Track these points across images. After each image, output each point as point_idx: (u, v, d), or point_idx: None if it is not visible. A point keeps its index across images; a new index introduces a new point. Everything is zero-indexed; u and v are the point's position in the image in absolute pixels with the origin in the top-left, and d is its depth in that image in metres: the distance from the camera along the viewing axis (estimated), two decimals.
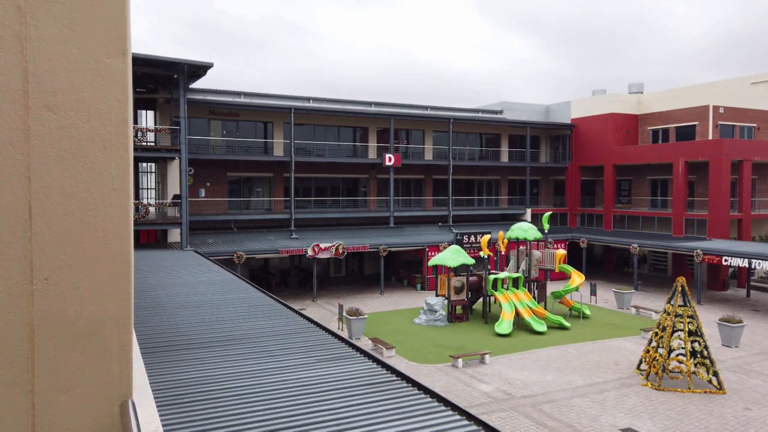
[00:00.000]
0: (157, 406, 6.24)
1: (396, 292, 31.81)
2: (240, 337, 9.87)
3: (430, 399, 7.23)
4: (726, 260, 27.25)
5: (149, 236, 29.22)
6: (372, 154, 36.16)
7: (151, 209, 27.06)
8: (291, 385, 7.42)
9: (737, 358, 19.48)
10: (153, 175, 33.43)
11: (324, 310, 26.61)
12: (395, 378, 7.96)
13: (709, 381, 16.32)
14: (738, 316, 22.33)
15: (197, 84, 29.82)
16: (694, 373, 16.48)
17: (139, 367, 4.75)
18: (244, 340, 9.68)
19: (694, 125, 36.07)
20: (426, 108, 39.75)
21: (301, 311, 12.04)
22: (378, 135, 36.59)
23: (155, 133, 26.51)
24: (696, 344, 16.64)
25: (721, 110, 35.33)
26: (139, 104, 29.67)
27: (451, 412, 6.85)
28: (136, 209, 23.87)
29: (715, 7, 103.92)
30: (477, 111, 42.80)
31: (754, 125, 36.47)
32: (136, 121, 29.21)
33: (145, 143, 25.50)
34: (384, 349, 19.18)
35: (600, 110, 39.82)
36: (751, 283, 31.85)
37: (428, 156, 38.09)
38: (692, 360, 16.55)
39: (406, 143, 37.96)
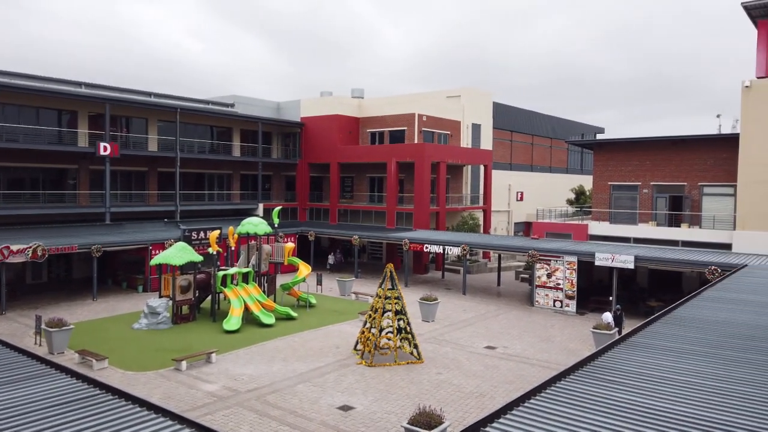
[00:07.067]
0: None
1: (113, 296, 28.75)
2: None
3: (139, 409, 6.76)
4: (427, 247, 31.87)
5: None
6: (83, 142, 31.92)
7: None
8: None
9: (433, 330, 22.97)
10: None
11: (16, 324, 22.53)
12: (100, 392, 7.25)
13: (411, 353, 18.90)
14: (434, 294, 26.35)
15: None
16: (399, 347, 18.86)
17: None
18: None
19: (404, 130, 41.19)
20: (150, 95, 36.81)
21: None
22: (90, 121, 32.46)
23: None
24: (401, 322, 19.07)
25: (424, 118, 41.07)
26: None
27: (163, 419, 6.51)
28: None
29: (420, 34, 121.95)
30: (207, 102, 41.39)
31: (448, 132, 43.34)
32: None
33: None
34: (94, 361, 17.16)
35: (327, 111, 42.44)
36: (446, 266, 37.92)
37: (153, 147, 35.36)
38: (398, 336, 18.92)
39: (126, 132, 34.55)
